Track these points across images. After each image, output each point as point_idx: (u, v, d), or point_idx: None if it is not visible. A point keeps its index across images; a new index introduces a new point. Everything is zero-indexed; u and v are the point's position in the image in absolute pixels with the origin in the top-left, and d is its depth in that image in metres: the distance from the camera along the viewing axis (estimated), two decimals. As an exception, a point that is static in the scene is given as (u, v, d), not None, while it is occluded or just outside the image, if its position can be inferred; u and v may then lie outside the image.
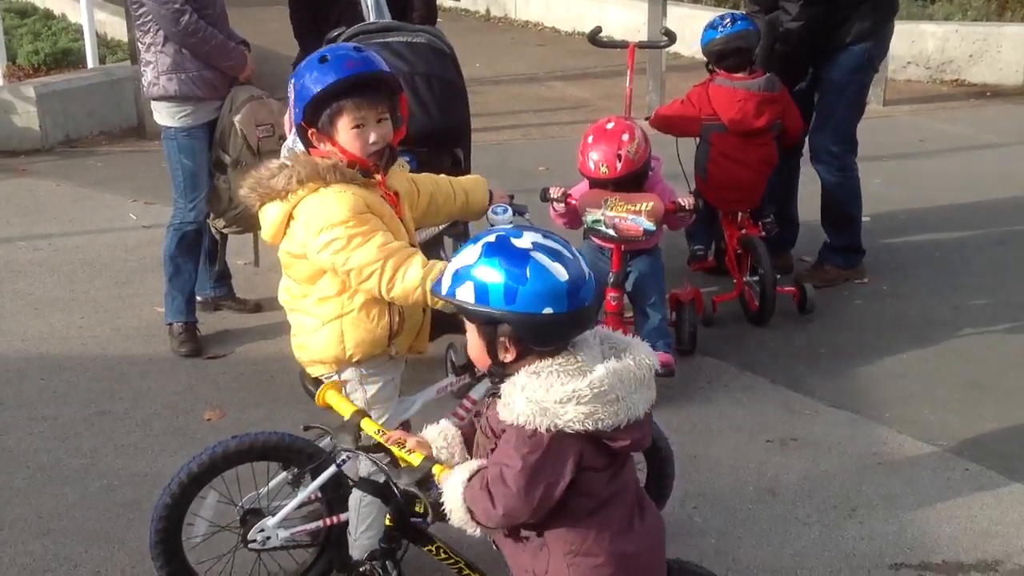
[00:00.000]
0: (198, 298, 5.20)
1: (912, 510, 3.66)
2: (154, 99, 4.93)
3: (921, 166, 7.86)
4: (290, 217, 2.79)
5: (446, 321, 4.48)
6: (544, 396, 2.01)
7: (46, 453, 4.05)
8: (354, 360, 2.90)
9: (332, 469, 2.82)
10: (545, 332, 2.06)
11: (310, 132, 2.79)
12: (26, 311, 5.45)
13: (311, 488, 2.97)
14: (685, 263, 5.58)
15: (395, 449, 2.33)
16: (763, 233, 5.29)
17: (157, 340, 5.03)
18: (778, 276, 5.19)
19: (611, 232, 4.35)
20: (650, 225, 4.32)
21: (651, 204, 4.33)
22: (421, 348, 3.11)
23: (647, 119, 5.52)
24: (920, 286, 5.67)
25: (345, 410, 2.49)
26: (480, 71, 10.61)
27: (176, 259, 4.97)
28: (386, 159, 2.85)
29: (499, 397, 2.09)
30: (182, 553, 3.01)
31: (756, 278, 5.18)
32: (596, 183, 4.43)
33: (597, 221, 4.37)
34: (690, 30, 9.03)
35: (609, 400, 2.03)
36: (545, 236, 2.10)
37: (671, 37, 5.90)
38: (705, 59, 5.40)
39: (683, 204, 4.42)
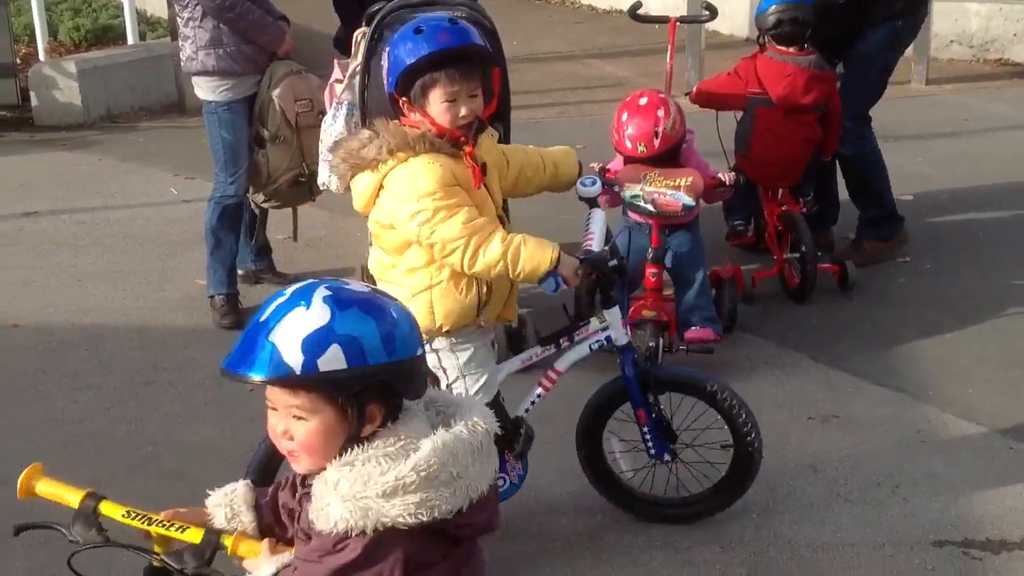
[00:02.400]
0: (239, 271, 5.24)
1: (955, 488, 3.64)
2: (193, 74, 4.96)
3: (963, 145, 7.76)
4: (380, 187, 2.81)
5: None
6: (362, 491, 1.62)
7: (91, 421, 4.11)
8: (443, 330, 2.92)
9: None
10: (417, 377, 1.73)
11: (401, 101, 2.81)
12: (70, 283, 5.51)
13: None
14: (724, 239, 5.54)
15: (159, 530, 1.90)
16: (803, 210, 5.25)
17: (199, 312, 5.07)
18: (819, 253, 5.15)
19: (650, 207, 4.32)
20: (689, 200, 4.28)
21: (690, 179, 4.29)
22: (510, 316, 3.12)
23: (687, 95, 5.48)
24: (963, 265, 5.61)
25: (70, 498, 1.99)
26: (517, 49, 10.56)
27: (217, 232, 5.01)
28: (475, 130, 2.86)
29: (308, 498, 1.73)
30: None
31: (796, 255, 5.14)
32: (632, 161, 4.41)
33: (636, 196, 4.34)
34: (729, 7, 8.96)
35: (442, 481, 1.64)
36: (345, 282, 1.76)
37: (712, 12, 5.85)
38: (757, 31, 5.35)
39: (723, 179, 4.39)
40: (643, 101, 4.43)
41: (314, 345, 1.61)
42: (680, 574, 3.21)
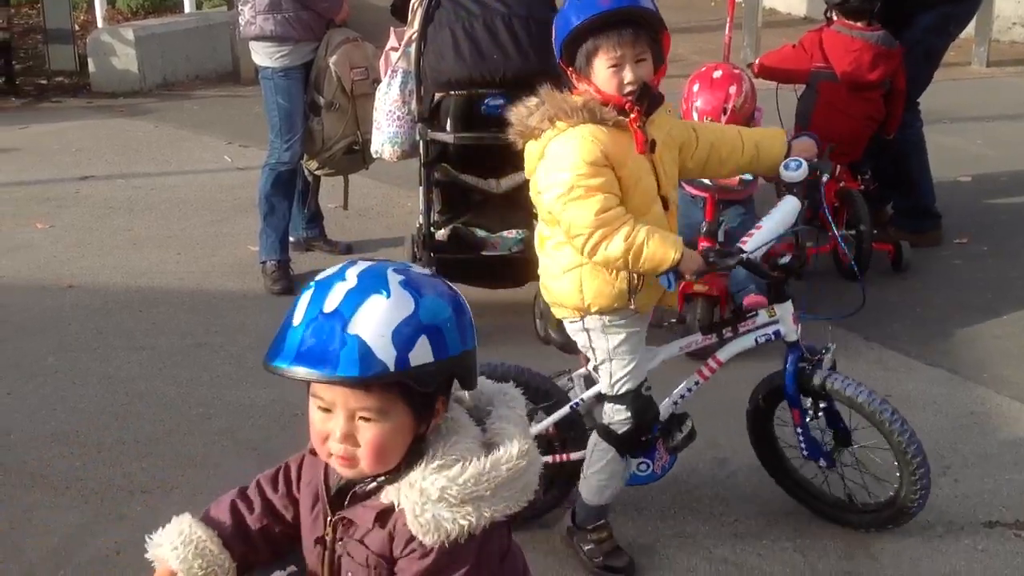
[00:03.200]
0: (291, 238, 5.28)
1: (1008, 470, 3.58)
2: (251, 39, 4.98)
3: (1023, 129, 7.62)
4: (541, 156, 2.75)
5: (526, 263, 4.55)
6: (474, 489, 1.56)
7: (144, 381, 4.17)
8: (593, 310, 2.83)
9: (567, 409, 2.95)
10: (476, 366, 1.66)
11: (569, 71, 2.72)
12: (125, 246, 5.58)
13: (545, 423, 3.07)
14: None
15: None
16: (861, 187, 5.17)
17: (250, 277, 5.12)
18: (875, 231, 5.08)
19: (706, 181, 4.29)
20: (746, 175, 4.25)
21: (748, 153, 4.25)
22: (671, 302, 3.01)
23: (749, 66, 5.41)
24: (1021, 248, 5.51)
25: None
26: (571, 23, 10.50)
27: (271, 198, 5.04)
28: (647, 101, 2.68)
29: (378, 521, 1.61)
30: None
31: (852, 232, 5.07)
32: None
33: (692, 170, 4.31)
34: (788, -16, 8.83)
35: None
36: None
37: (772, -13, 5.75)
38: (824, 4, 5.26)
39: (781, 154, 4.33)
40: (717, 74, 4.38)
41: (404, 338, 1.49)
42: (725, 545, 3.19)
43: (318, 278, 1.57)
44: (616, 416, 2.92)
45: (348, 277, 1.53)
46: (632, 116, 2.67)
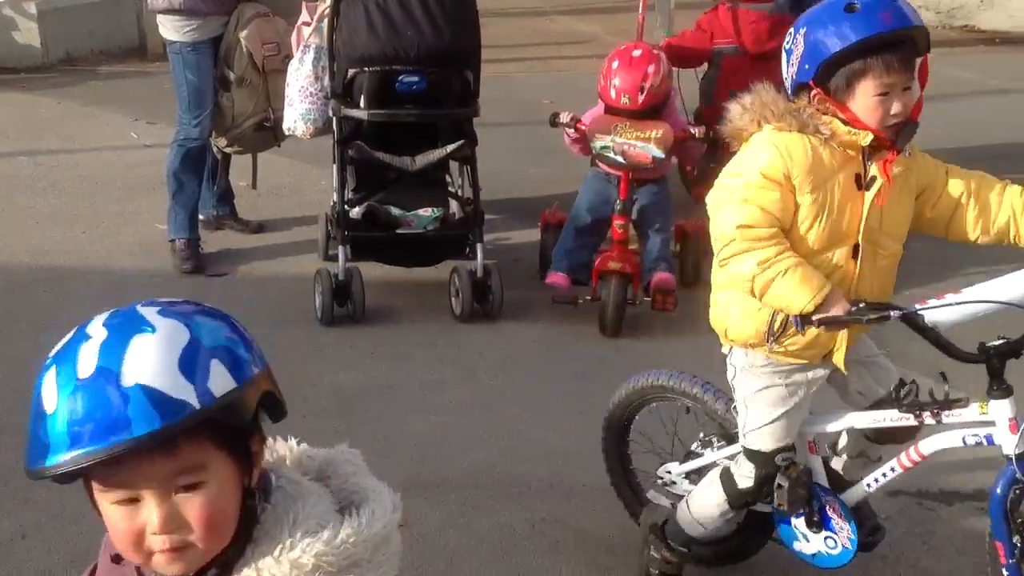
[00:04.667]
0: (200, 217, 5.18)
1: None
2: (159, 12, 4.86)
3: (929, 111, 7.78)
4: None
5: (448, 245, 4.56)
6: (353, 552, 1.30)
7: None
8: (734, 341, 2.54)
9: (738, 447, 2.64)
10: (279, 394, 1.37)
11: (814, 93, 2.34)
12: (28, 224, 5.42)
13: (718, 455, 2.81)
14: (687, 193, 5.54)
15: None
16: None
17: (159, 256, 5.01)
18: None
19: (619, 159, 4.33)
20: (659, 152, 4.29)
21: (660, 132, 4.30)
22: (837, 362, 2.47)
23: (661, 48, 5.45)
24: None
25: None
26: (485, 3, 10.46)
27: (179, 175, 4.94)
28: (906, 134, 2.35)
29: None
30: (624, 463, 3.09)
31: None
32: (615, 111, 4.39)
33: (606, 147, 4.34)
34: (700, -34, 8.90)
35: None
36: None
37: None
38: None
39: (693, 132, 4.39)
40: (636, 53, 4.41)
41: (195, 367, 1.20)
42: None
43: (53, 352, 1.24)
44: (741, 469, 2.61)
45: (92, 334, 1.21)
46: (888, 157, 2.34)
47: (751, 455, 2.55)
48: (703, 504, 2.69)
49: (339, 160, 4.56)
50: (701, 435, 2.89)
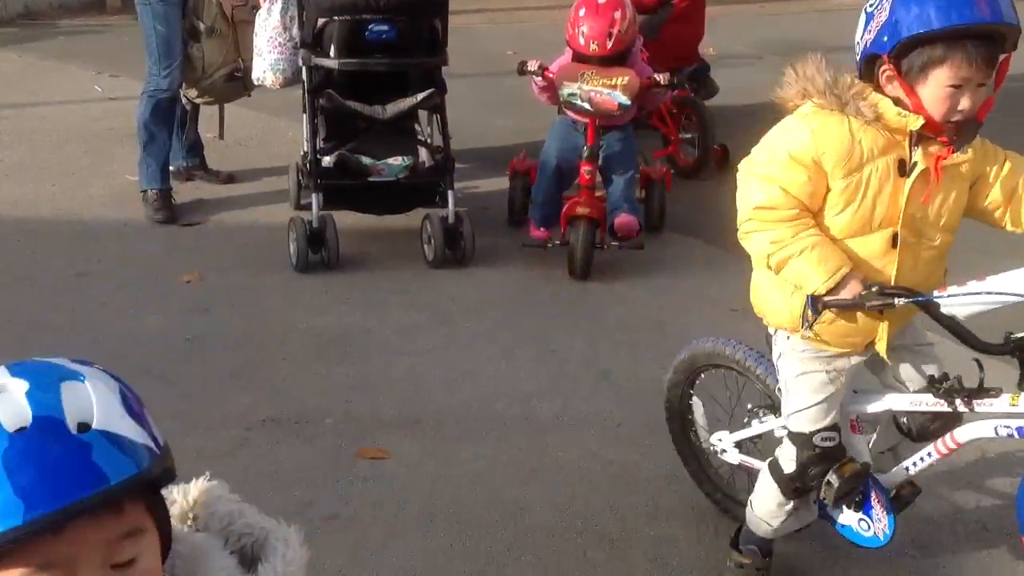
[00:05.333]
0: (171, 168, 5.21)
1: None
2: (126, -37, 4.87)
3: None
4: None
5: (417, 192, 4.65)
6: None
7: (29, 311, 4.11)
8: (768, 322, 2.51)
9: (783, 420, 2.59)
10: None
11: (884, 69, 2.22)
12: (-4, 177, 5.44)
13: (762, 428, 2.79)
14: (653, 145, 5.66)
15: None
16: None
17: (131, 207, 5.05)
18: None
19: (586, 106, 4.42)
20: (625, 99, 4.39)
21: (626, 79, 4.40)
22: (880, 351, 2.41)
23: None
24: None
25: None
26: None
27: (150, 126, 4.96)
28: (966, 133, 2.25)
29: None
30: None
31: (689, 136, 5.59)
32: (583, 59, 4.47)
33: (573, 95, 4.43)
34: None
35: None
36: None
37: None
38: None
39: (658, 79, 4.49)
40: (602, 0, 4.48)
41: (139, 416, 1.06)
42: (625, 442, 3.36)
43: None
44: (784, 452, 2.57)
45: (11, 387, 1.02)
46: (942, 152, 2.25)
47: (793, 437, 2.51)
48: (761, 500, 2.65)
49: (310, 109, 4.61)
50: (749, 406, 2.87)
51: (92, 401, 1.02)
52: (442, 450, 3.31)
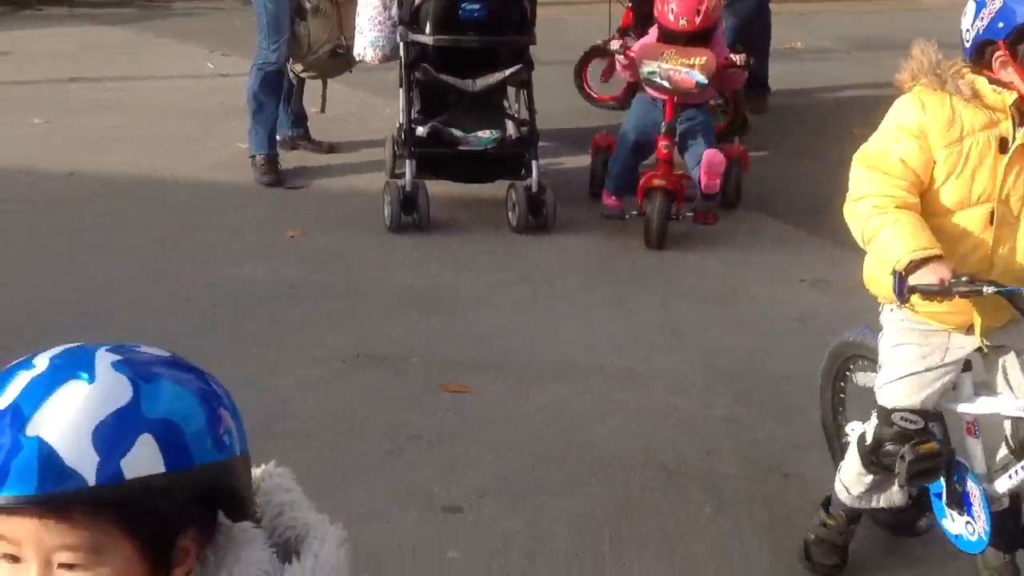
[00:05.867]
0: (277, 137, 5.60)
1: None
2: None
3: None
4: None
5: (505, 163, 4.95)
6: None
7: (150, 257, 4.51)
8: (877, 298, 2.54)
9: None
10: (247, 486, 1.15)
11: (997, 55, 2.32)
12: (117, 142, 5.88)
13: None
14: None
15: None
16: None
17: (241, 171, 5.44)
18: None
19: (665, 83, 4.67)
20: (702, 78, 4.63)
21: (704, 59, 4.64)
22: (977, 333, 2.42)
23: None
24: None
25: None
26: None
27: (259, 96, 5.35)
28: None
29: None
30: None
31: (719, 102, 5.81)
32: (670, 35, 4.72)
33: (653, 73, 4.69)
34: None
35: None
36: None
37: None
38: None
39: (735, 60, 4.73)
40: None
41: (114, 437, 1.00)
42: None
43: (3, 370, 1.07)
44: (869, 424, 2.60)
45: (36, 364, 1.04)
46: None
47: (878, 410, 2.55)
48: (846, 466, 2.70)
49: (406, 83, 4.95)
50: None
51: (63, 410, 1.00)
52: (520, 390, 3.61)
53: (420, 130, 4.97)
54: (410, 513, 2.97)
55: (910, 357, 2.47)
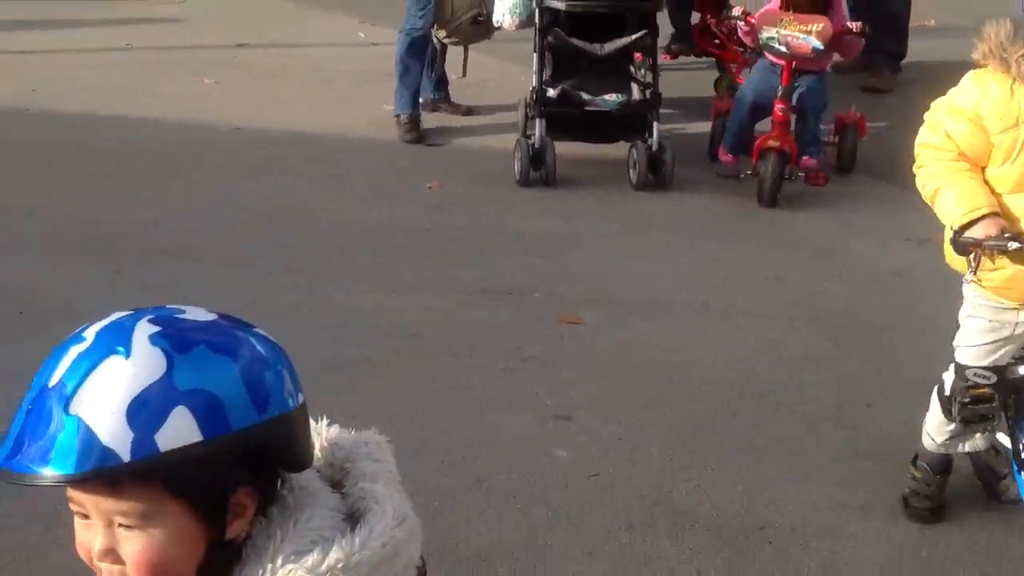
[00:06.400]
0: (420, 99, 6.07)
1: None
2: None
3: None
4: None
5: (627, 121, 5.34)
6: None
7: (301, 198, 5.04)
8: (960, 271, 2.62)
9: None
10: (299, 439, 1.17)
11: None
12: (278, 102, 6.45)
13: None
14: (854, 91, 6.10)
15: None
16: None
17: (386, 130, 5.93)
18: None
19: (783, 49, 4.94)
20: (819, 44, 4.89)
21: (821, 25, 4.89)
22: None
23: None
24: None
25: None
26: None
27: (405, 60, 5.83)
28: None
29: None
30: None
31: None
32: (791, 2, 4.98)
33: (771, 38, 4.97)
34: None
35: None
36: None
37: None
38: None
39: (851, 27, 4.96)
40: None
41: (147, 412, 1.05)
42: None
43: (60, 343, 1.11)
44: (947, 376, 2.79)
45: (86, 336, 1.09)
46: None
47: (954, 365, 2.74)
48: (930, 415, 2.86)
49: (539, 47, 5.35)
50: None
51: (102, 387, 1.04)
52: (627, 323, 3.99)
53: (550, 92, 5.36)
54: (524, 418, 3.38)
55: (980, 328, 2.66)
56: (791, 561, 2.78)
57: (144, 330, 1.07)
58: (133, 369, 1.04)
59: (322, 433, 1.22)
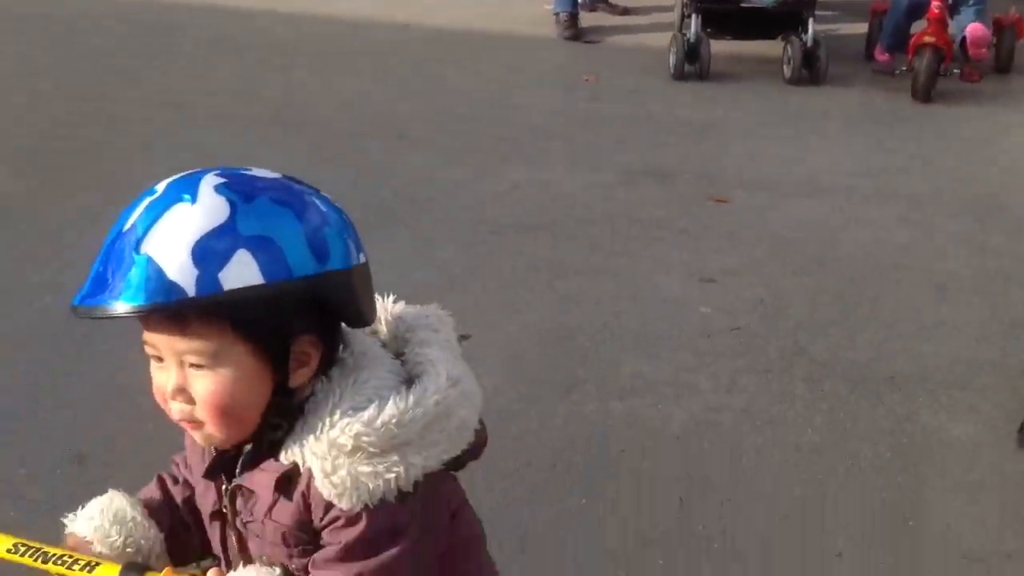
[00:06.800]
0: (579, 1, 6.29)
1: None
2: None
3: None
4: None
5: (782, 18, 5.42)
6: (397, 433, 1.16)
7: (469, 88, 5.36)
8: None
9: None
10: (362, 295, 1.22)
11: None
12: (443, 4, 6.77)
13: None
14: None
15: (59, 569, 1.23)
16: None
17: (545, 28, 6.21)
18: None
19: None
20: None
21: (983, -79, 4.90)
22: None
23: None
24: None
25: None
26: None
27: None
28: None
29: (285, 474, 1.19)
30: None
31: None
32: None
33: (931, -65, 5.00)
34: None
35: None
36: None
37: None
38: None
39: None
40: None
41: (211, 252, 1.10)
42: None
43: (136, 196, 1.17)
44: None
45: (157, 189, 1.15)
46: None
47: None
48: None
49: (699, -54, 5.50)
50: None
51: (170, 229, 1.10)
52: (773, 202, 4.19)
53: (707, -11, 5.51)
54: (672, 280, 3.64)
55: None
56: (917, 404, 2.99)
57: (210, 182, 1.13)
58: (199, 213, 1.10)
59: (388, 308, 1.29)
